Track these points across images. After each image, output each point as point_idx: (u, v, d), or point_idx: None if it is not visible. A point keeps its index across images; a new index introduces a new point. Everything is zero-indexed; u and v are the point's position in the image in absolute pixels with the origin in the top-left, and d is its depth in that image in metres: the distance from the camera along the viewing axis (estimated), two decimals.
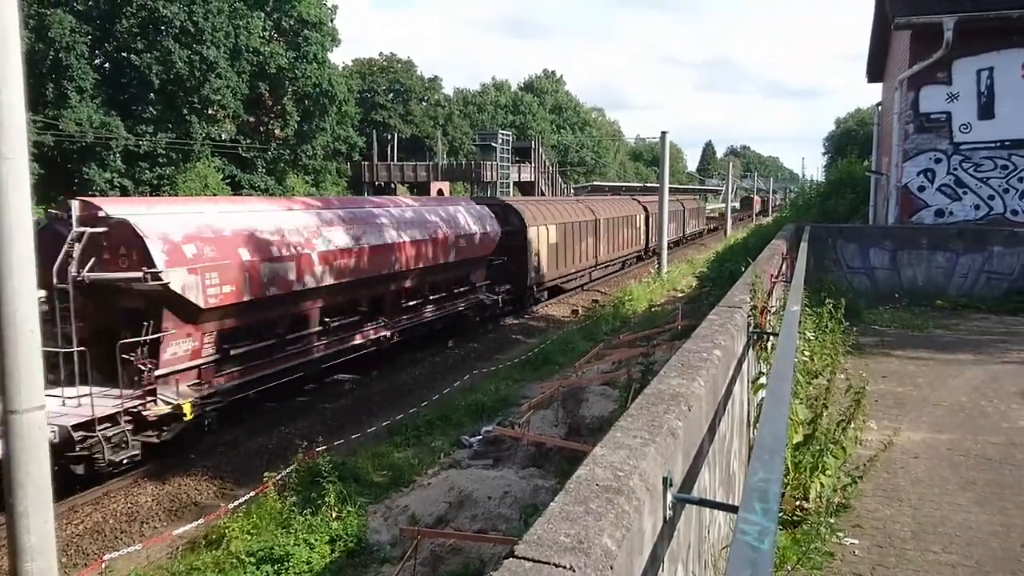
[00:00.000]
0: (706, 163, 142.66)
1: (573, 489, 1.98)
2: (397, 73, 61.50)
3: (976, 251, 13.62)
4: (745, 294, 5.75)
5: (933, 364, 9.54)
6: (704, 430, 3.18)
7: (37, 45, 32.34)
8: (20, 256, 5.35)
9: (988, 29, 13.67)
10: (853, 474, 5.31)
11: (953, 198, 14.40)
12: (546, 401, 12.19)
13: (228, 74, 38.36)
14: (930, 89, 14.23)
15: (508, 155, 51.94)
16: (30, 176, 5.54)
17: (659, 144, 32.09)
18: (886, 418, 7.30)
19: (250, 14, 40.25)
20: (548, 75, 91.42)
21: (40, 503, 5.56)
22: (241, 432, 12.45)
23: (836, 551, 4.67)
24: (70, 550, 8.74)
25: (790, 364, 3.71)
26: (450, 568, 7.07)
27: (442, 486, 8.92)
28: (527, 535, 1.70)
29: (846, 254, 14.43)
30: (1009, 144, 14.03)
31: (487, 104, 76.28)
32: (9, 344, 5.35)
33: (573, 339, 18.19)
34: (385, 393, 15.03)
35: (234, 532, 8.31)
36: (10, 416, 5.41)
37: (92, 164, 34.65)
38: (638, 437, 2.39)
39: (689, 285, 25.73)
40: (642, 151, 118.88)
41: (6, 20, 5.18)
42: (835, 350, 7.44)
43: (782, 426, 2.57)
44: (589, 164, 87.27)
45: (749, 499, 1.87)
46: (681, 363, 3.48)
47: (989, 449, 6.48)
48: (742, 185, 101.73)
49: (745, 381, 5.15)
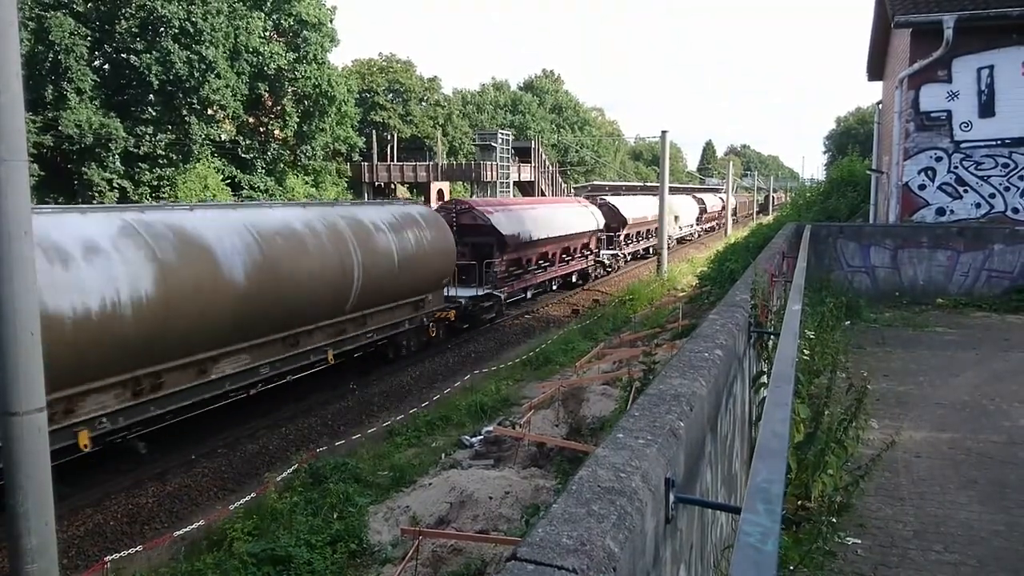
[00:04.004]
0: (706, 162, 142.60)
1: (575, 490, 1.97)
2: (396, 73, 61.50)
3: (977, 249, 13.60)
4: (746, 293, 5.74)
5: (934, 363, 9.53)
6: (706, 430, 3.18)
7: (37, 47, 32.33)
8: (20, 258, 5.33)
9: (988, 27, 13.67)
10: (855, 473, 5.30)
11: (954, 196, 14.39)
12: (547, 401, 12.19)
13: (227, 74, 38.34)
14: (930, 87, 14.22)
15: (508, 155, 51.92)
16: (30, 178, 5.53)
17: (659, 143, 32.11)
18: (888, 417, 7.30)
19: (249, 14, 40.23)
20: (548, 74, 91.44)
21: (41, 505, 5.55)
22: (242, 433, 12.45)
23: (838, 551, 4.66)
24: (71, 552, 8.74)
25: (791, 363, 3.70)
26: (451, 568, 7.06)
27: (443, 486, 8.92)
28: (529, 537, 1.70)
29: (847, 253, 14.42)
30: (1010, 142, 14.01)
31: (487, 104, 76.27)
32: (9, 346, 5.34)
33: (574, 339, 18.18)
34: (385, 393, 15.03)
35: (235, 533, 8.31)
36: (11, 418, 5.40)
37: (92, 165, 34.62)
38: (640, 438, 2.38)
39: (690, 284, 25.72)
40: (642, 150, 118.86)
41: (5, 22, 5.17)
42: (836, 349, 7.44)
43: (784, 426, 2.56)
44: (589, 164, 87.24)
45: (752, 500, 1.86)
46: (683, 363, 3.47)
47: (991, 448, 6.47)
48: (742, 184, 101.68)
49: (746, 380, 5.14)
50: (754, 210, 77.74)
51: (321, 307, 13.26)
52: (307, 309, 12.80)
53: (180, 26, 36.04)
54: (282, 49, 42.65)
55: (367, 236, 14.67)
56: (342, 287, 13.70)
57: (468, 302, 19.61)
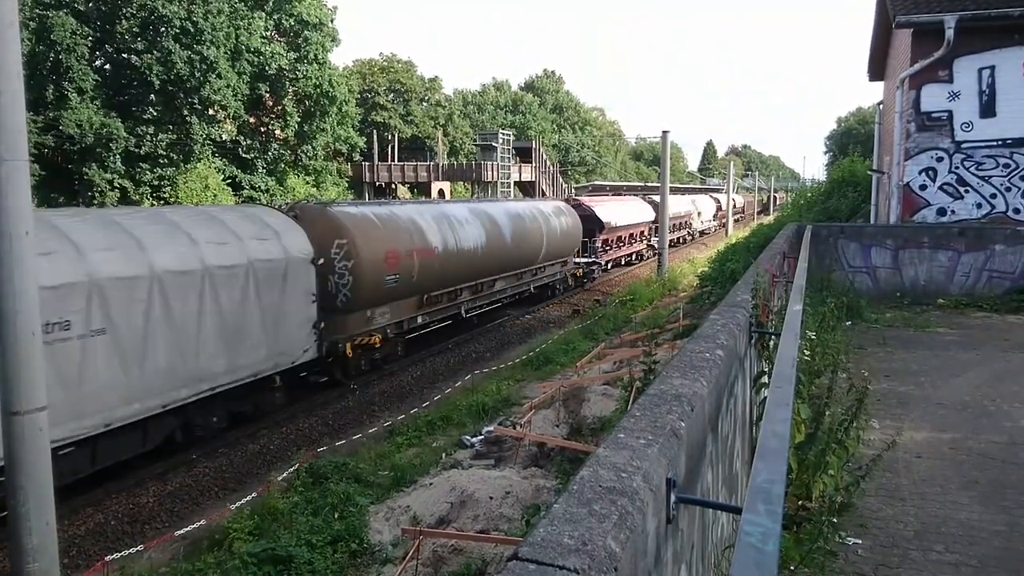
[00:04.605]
0: (707, 162, 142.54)
1: (577, 490, 1.97)
2: (397, 73, 61.46)
3: (978, 250, 13.60)
4: (747, 293, 5.73)
5: (935, 363, 9.52)
6: (707, 430, 3.18)
7: (38, 47, 32.32)
8: (21, 258, 5.34)
9: (989, 27, 13.67)
10: (856, 473, 5.30)
11: (955, 197, 14.39)
12: (547, 401, 12.19)
13: (228, 74, 38.32)
14: (931, 88, 14.22)
15: (509, 155, 51.91)
16: (30, 177, 5.53)
17: (660, 143, 32.10)
18: (888, 417, 7.29)
19: (250, 14, 40.22)
20: (548, 75, 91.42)
21: (42, 504, 5.56)
22: (243, 432, 12.46)
23: (839, 551, 4.66)
24: (72, 551, 8.74)
25: (792, 363, 3.70)
26: (452, 568, 7.06)
27: (444, 486, 8.92)
28: (531, 537, 1.70)
29: (848, 253, 14.42)
30: (1011, 142, 14.01)
31: (487, 104, 76.25)
32: (10, 346, 5.35)
33: (574, 339, 18.18)
34: (386, 393, 15.03)
35: (236, 533, 8.31)
36: (12, 418, 5.40)
37: (92, 165, 34.61)
38: (641, 438, 2.38)
39: (691, 284, 25.71)
40: (643, 151, 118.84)
41: (6, 21, 5.17)
42: (837, 349, 7.44)
43: (785, 426, 2.56)
44: (590, 164, 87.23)
45: (753, 500, 1.86)
46: (684, 363, 3.47)
47: (992, 448, 6.47)
48: (743, 184, 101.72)
49: (747, 380, 5.14)
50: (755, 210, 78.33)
51: (528, 258, 22.98)
52: (526, 258, 22.79)
53: (181, 26, 36.04)
54: (283, 49, 42.65)
55: (546, 219, 24.43)
56: (538, 247, 23.48)
57: (584, 265, 28.97)
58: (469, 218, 19.45)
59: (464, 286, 18.96)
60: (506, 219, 21.42)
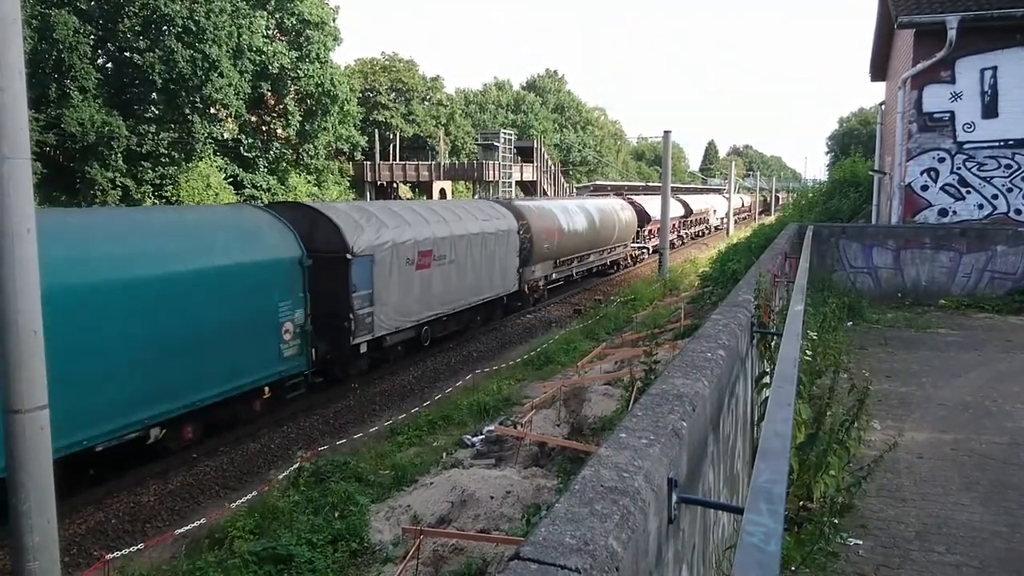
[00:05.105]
0: (708, 162, 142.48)
1: (578, 490, 1.97)
2: (399, 72, 61.47)
3: (980, 250, 13.59)
4: (748, 293, 5.73)
5: (937, 364, 9.52)
6: (708, 430, 3.17)
7: (40, 45, 32.34)
8: (23, 257, 5.34)
9: (992, 28, 13.65)
10: (857, 474, 5.30)
11: (956, 197, 14.37)
12: (548, 401, 12.19)
13: (230, 73, 38.33)
14: (933, 88, 14.20)
15: (510, 154, 51.91)
16: (32, 176, 5.53)
17: (662, 143, 32.08)
18: (890, 418, 7.29)
19: (252, 13, 40.24)
20: (550, 74, 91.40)
21: (42, 502, 5.56)
22: (243, 432, 12.47)
23: (840, 551, 4.66)
24: (73, 549, 8.75)
25: (794, 364, 3.70)
26: (452, 568, 7.06)
27: (444, 486, 8.92)
28: (532, 536, 1.70)
29: (849, 253, 14.42)
30: (1013, 143, 14.00)
31: (489, 103, 76.25)
32: (12, 345, 5.35)
33: (575, 338, 18.17)
34: (387, 392, 15.03)
35: (237, 532, 8.31)
36: (13, 416, 5.40)
37: (94, 163, 34.63)
38: (643, 438, 2.38)
39: (692, 284, 25.69)
40: (644, 150, 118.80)
41: (8, 19, 5.17)
42: (839, 349, 7.44)
43: (786, 426, 2.56)
44: (591, 163, 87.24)
45: (755, 500, 1.86)
46: (685, 363, 3.47)
47: (993, 449, 6.47)
48: (744, 184, 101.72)
49: (749, 380, 5.14)
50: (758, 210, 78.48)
51: (607, 240, 30.65)
52: (605, 240, 30.45)
53: (183, 25, 36.07)
54: (285, 48, 42.68)
55: (616, 212, 31.99)
56: (612, 232, 30.98)
57: (637, 248, 36.05)
58: (577, 210, 27.90)
59: (575, 256, 27.57)
60: (596, 212, 29.62)
